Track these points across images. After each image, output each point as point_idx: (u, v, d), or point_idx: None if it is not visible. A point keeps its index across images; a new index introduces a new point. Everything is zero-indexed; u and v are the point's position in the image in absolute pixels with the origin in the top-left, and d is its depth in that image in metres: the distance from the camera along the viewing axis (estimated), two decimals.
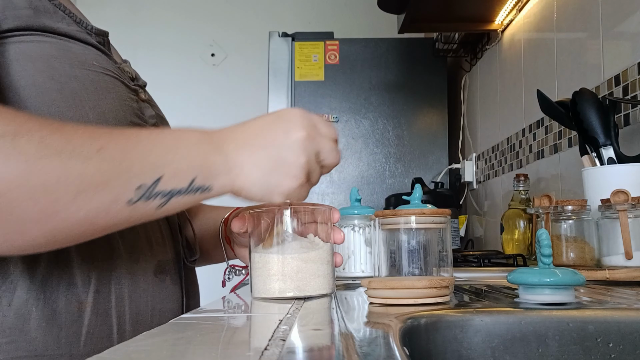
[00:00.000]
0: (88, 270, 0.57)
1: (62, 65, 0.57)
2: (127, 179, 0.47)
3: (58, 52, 0.58)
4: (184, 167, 0.50)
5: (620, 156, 0.91)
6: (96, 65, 0.61)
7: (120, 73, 0.66)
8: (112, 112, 0.60)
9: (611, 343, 0.47)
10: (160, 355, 0.33)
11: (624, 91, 1.07)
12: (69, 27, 0.61)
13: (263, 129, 0.55)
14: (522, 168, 1.60)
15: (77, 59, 0.59)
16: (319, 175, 0.58)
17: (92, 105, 0.58)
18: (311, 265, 0.58)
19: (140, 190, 0.48)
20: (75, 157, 0.45)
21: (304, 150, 0.54)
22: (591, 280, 0.74)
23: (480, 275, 0.90)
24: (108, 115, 0.60)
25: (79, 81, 0.58)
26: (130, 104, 0.65)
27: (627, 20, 1.08)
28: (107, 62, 0.64)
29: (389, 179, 2.21)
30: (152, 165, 0.49)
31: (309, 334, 0.39)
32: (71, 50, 0.60)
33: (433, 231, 0.66)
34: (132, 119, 0.64)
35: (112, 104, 0.61)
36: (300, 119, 0.55)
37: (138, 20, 3.01)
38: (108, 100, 0.61)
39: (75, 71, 0.58)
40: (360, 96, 2.23)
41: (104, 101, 0.60)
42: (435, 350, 0.47)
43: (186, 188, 0.51)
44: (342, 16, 2.97)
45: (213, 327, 0.43)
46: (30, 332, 0.53)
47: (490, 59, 1.93)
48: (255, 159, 0.54)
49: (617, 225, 0.80)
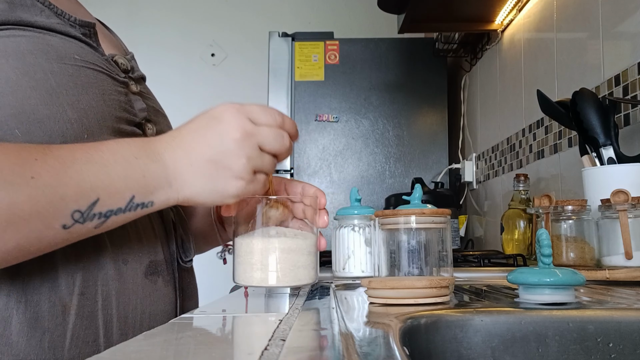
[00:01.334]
0: (73, 271, 0.55)
1: (38, 61, 0.55)
2: (61, 206, 0.46)
3: (34, 46, 0.56)
4: (122, 187, 0.50)
5: (620, 156, 0.91)
6: (77, 58, 0.59)
7: (107, 65, 0.64)
8: (93, 108, 0.58)
9: (611, 343, 0.47)
10: (160, 355, 0.33)
11: (624, 91, 1.07)
12: (48, 19, 0.59)
13: (198, 133, 0.55)
14: (522, 168, 1.60)
15: (55, 53, 0.57)
16: (271, 164, 0.57)
17: (71, 101, 0.56)
18: (292, 256, 0.59)
19: (76, 214, 0.47)
20: (6, 187, 0.44)
21: (242, 149, 0.54)
22: (591, 280, 0.74)
23: (480, 275, 0.90)
24: (89, 111, 0.58)
25: (56, 76, 0.56)
26: (116, 98, 0.63)
27: (627, 20, 1.08)
28: (91, 55, 0.62)
29: (389, 179, 2.21)
30: (88, 188, 0.48)
31: (309, 334, 0.39)
32: (49, 44, 0.57)
33: (433, 231, 0.65)
34: (117, 113, 0.62)
35: (94, 99, 0.59)
36: (233, 117, 0.54)
37: (138, 20, 3.01)
38: (89, 95, 0.58)
39: (52, 66, 0.56)
40: (360, 96, 2.23)
41: (84, 97, 0.58)
42: (435, 350, 0.47)
43: (125, 207, 0.50)
44: (342, 16, 2.97)
45: (213, 327, 0.43)
46: (12, 336, 0.51)
47: (490, 59, 1.93)
48: (195, 168, 0.53)
49: (617, 225, 0.80)
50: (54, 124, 0.54)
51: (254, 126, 0.55)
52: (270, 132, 0.56)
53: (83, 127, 0.56)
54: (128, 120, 0.64)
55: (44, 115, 0.54)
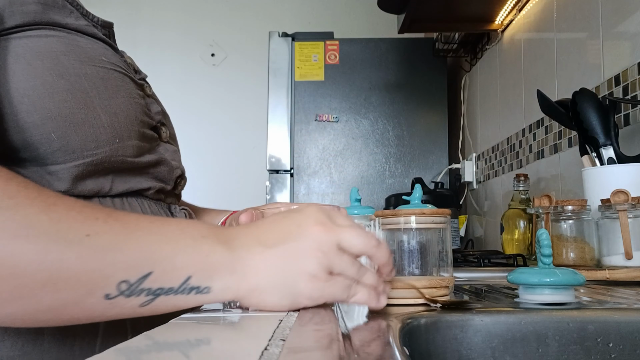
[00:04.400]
0: None
1: (72, 62, 0.55)
2: (109, 272, 0.42)
3: (66, 47, 0.55)
4: (179, 264, 0.44)
5: (620, 156, 0.91)
6: (105, 60, 0.59)
7: (127, 67, 0.64)
8: (123, 112, 0.58)
9: (611, 343, 0.47)
10: (160, 355, 0.33)
11: (624, 91, 1.07)
12: (77, 21, 0.59)
13: (275, 224, 0.49)
14: (522, 168, 1.60)
15: (86, 54, 0.57)
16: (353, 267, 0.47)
17: (104, 105, 0.56)
18: None
19: (123, 285, 0.42)
20: (57, 241, 0.40)
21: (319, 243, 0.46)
22: (591, 280, 0.74)
23: (480, 275, 0.90)
24: (120, 115, 0.57)
25: (89, 79, 0.55)
26: (138, 101, 0.62)
27: (627, 20, 1.08)
28: (114, 57, 0.62)
29: (389, 179, 2.21)
30: (143, 259, 0.43)
31: (309, 334, 0.39)
32: (80, 46, 0.57)
33: (433, 231, 0.65)
34: (141, 117, 0.62)
35: (123, 103, 0.59)
36: (315, 212, 0.48)
37: (138, 20, 3.01)
38: (118, 98, 0.58)
39: (85, 68, 0.56)
40: (360, 96, 2.23)
41: (114, 100, 0.57)
42: (435, 350, 0.47)
43: (177, 287, 0.44)
44: (342, 16, 2.97)
45: (213, 326, 0.43)
46: (44, 343, 0.51)
47: (490, 59, 1.92)
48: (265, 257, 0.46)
49: (617, 225, 0.80)
50: (89, 128, 0.54)
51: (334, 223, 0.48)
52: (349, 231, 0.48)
53: (115, 131, 0.56)
54: (148, 124, 0.64)
55: (80, 120, 0.54)
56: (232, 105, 2.96)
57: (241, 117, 2.94)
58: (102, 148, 0.55)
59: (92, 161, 0.55)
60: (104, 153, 0.56)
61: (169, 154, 0.68)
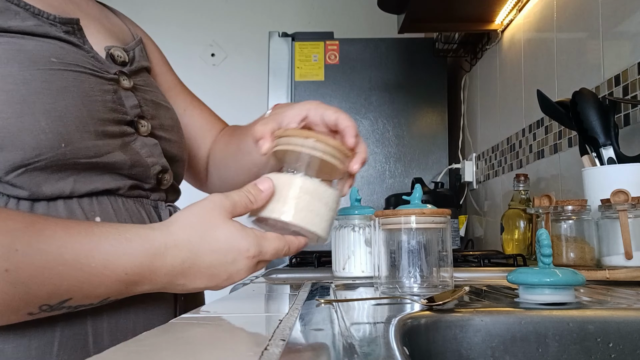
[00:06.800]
0: None
1: (9, 70, 0.53)
2: (30, 301, 0.46)
3: (6, 54, 0.54)
4: (99, 292, 0.50)
5: (620, 156, 0.91)
6: (54, 61, 0.56)
7: (94, 63, 0.61)
8: (71, 113, 0.55)
9: (611, 343, 0.47)
10: (160, 355, 0.33)
11: (624, 91, 1.07)
12: (23, 22, 0.57)
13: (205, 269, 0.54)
14: (522, 168, 1.60)
15: (30, 59, 0.55)
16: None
17: (45, 109, 0.54)
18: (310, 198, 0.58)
19: (44, 307, 0.48)
20: None
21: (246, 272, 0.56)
22: (591, 280, 0.74)
23: (480, 275, 0.90)
24: (66, 118, 0.55)
25: (29, 85, 0.54)
26: (100, 98, 0.59)
27: (627, 20, 1.08)
28: (72, 55, 0.59)
29: (389, 179, 2.21)
30: (63, 290, 0.47)
31: (309, 334, 0.39)
32: (23, 50, 0.55)
33: (433, 231, 0.65)
34: (102, 115, 0.59)
35: (72, 104, 0.56)
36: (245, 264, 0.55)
37: (138, 20, 2.99)
38: (66, 100, 0.55)
39: (24, 74, 0.54)
40: (360, 96, 2.23)
41: (60, 102, 0.55)
42: (435, 350, 0.47)
43: (97, 303, 0.51)
44: (342, 16, 2.97)
45: (213, 327, 0.43)
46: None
47: (490, 59, 1.93)
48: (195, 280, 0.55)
49: (617, 225, 0.80)
50: (27, 136, 0.52)
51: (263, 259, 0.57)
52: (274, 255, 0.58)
53: (59, 135, 0.54)
54: (117, 120, 0.61)
55: (17, 129, 0.52)
56: (232, 105, 2.96)
57: (241, 117, 2.93)
58: (45, 155, 0.54)
59: (37, 167, 0.54)
60: (48, 159, 0.54)
61: (146, 150, 0.65)
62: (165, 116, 0.71)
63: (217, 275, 0.54)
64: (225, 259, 0.54)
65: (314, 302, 0.56)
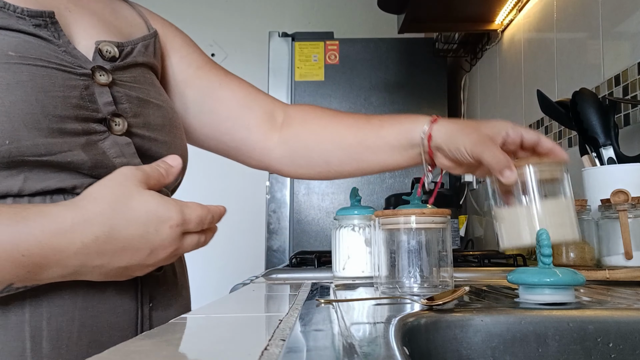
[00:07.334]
0: None
1: None
2: None
3: None
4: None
5: (620, 156, 0.91)
6: (12, 55, 0.53)
7: (63, 57, 0.57)
8: (20, 110, 0.52)
9: (611, 343, 0.47)
10: (159, 355, 0.33)
11: (624, 91, 1.07)
12: None
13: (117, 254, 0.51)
14: None
15: None
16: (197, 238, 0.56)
17: None
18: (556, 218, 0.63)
19: None
20: None
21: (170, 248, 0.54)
22: (591, 280, 0.74)
23: (480, 275, 0.90)
24: (13, 113, 0.51)
25: None
26: (63, 94, 0.55)
27: (627, 20, 1.08)
28: (36, 49, 0.56)
29: (389, 179, 2.21)
30: None
31: (309, 334, 0.39)
32: None
33: (433, 231, 0.65)
34: (62, 112, 0.55)
35: (23, 99, 0.52)
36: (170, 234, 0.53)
37: None
38: (16, 95, 0.52)
39: None
40: (360, 96, 2.23)
41: (8, 98, 0.51)
42: (435, 350, 0.47)
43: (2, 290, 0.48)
44: (342, 16, 2.97)
45: (213, 327, 0.43)
46: None
47: (490, 59, 1.92)
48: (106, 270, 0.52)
49: (617, 225, 0.80)
50: None
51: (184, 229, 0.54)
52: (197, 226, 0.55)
53: (3, 132, 0.51)
54: (82, 118, 0.57)
55: None
56: None
57: None
58: None
59: None
60: None
61: (116, 150, 0.60)
62: (153, 114, 0.66)
63: (139, 250, 0.51)
64: (147, 229, 0.51)
65: (314, 302, 0.56)
